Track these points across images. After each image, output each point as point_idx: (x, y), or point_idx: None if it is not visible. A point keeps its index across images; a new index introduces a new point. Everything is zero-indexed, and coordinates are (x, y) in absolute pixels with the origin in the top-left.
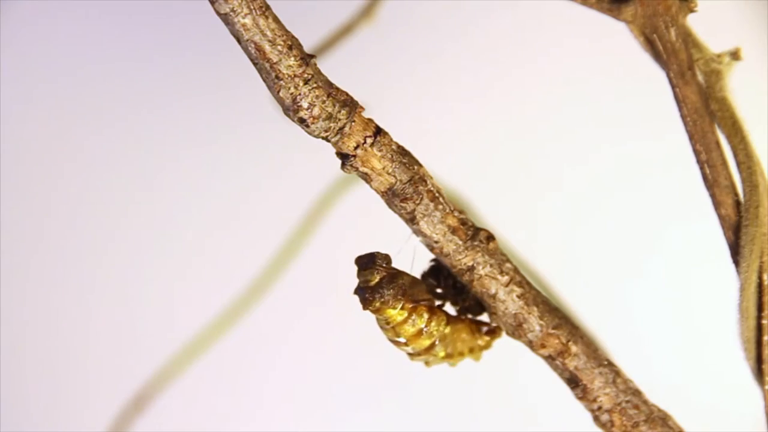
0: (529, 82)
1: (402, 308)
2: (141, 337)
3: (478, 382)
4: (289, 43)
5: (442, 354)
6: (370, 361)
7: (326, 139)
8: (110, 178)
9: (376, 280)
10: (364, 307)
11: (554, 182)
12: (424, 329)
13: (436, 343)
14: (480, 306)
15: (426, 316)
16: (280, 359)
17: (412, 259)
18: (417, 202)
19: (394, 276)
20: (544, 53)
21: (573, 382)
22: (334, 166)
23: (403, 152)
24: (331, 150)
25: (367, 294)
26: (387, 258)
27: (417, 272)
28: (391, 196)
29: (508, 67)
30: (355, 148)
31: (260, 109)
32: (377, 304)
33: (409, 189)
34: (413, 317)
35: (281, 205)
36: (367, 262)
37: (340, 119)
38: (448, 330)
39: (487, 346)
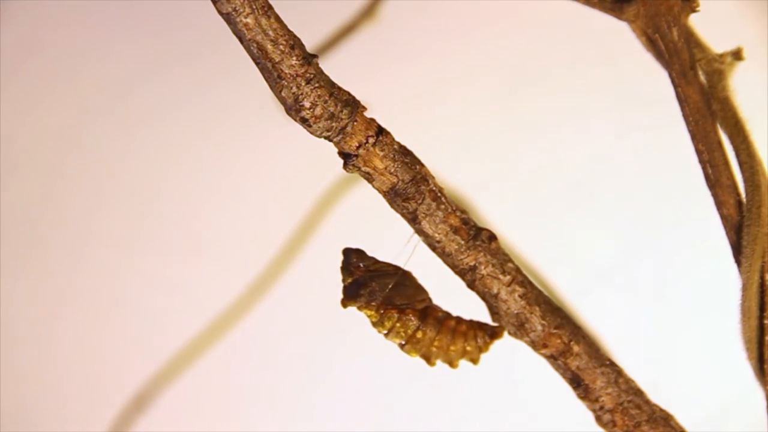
0: (530, 82)
1: (376, 310)
2: (141, 337)
3: (478, 382)
4: (291, 42)
5: (414, 354)
6: (371, 360)
7: (328, 138)
8: (112, 177)
9: (349, 281)
10: (342, 306)
11: (555, 182)
12: (392, 330)
13: (404, 343)
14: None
15: (395, 317)
16: (281, 358)
17: (409, 255)
18: (419, 201)
19: (369, 279)
20: (547, 51)
21: (575, 381)
22: (337, 166)
23: (405, 152)
24: (333, 149)
25: (342, 295)
26: (362, 257)
27: (414, 270)
28: (394, 196)
29: (509, 67)
30: (358, 147)
31: (263, 107)
32: (350, 305)
33: (411, 189)
34: (383, 319)
35: (283, 204)
36: (344, 261)
37: (342, 119)
38: (420, 334)
39: (484, 349)
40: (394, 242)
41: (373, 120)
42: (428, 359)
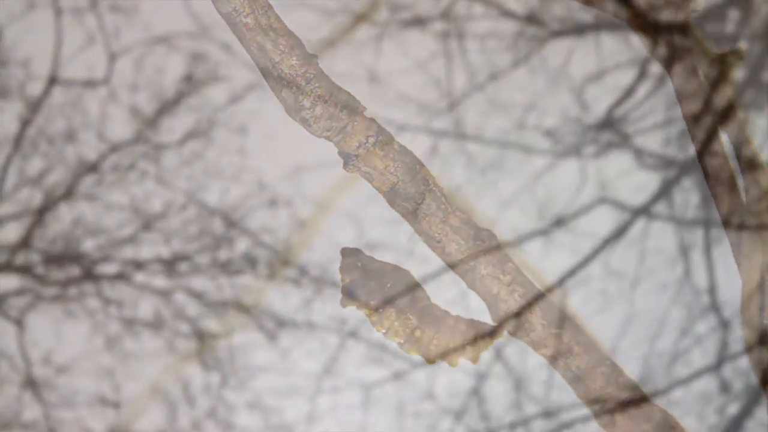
0: (531, 82)
1: (375, 309)
2: (140, 341)
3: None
4: (291, 42)
5: (414, 352)
6: (372, 358)
7: (328, 138)
8: (115, 177)
9: (348, 281)
10: (342, 305)
11: (556, 182)
12: (391, 329)
13: (403, 342)
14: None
15: (394, 316)
16: (282, 357)
17: (409, 255)
18: (419, 201)
19: (368, 279)
20: (549, 52)
21: (575, 381)
22: (337, 165)
23: (404, 152)
24: (334, 148)
25: (341, 295)
26: (360, 257)
27: (413, 270)
28: (393, 196)
29: (510, 66)
30: (358, 147)
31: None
32: (349, 305)
33: (411, 189)
34: (382, 318)
35: (283, 203)
36: (343, 261)
37: (342, 119)
38: (419, 333)
39: (483, 348)
40: (394, 242)
41: (373, 120)
42: (428, 358)
